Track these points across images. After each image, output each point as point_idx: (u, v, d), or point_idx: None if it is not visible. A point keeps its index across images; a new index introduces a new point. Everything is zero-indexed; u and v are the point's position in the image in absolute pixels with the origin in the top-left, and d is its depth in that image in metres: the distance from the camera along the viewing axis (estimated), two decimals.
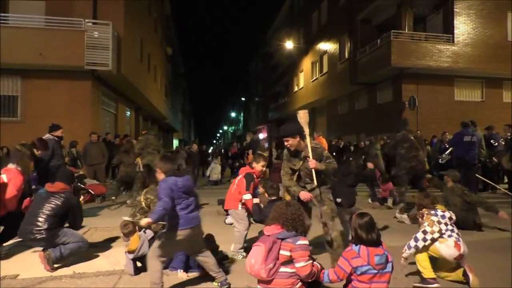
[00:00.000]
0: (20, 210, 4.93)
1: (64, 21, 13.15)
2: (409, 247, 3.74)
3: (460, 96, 17.83)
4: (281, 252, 2.97)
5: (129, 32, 15.60)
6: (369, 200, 9.18)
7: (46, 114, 12.35)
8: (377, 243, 3.01)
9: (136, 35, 17.79)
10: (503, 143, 11.33)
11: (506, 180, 11.32)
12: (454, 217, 3.89)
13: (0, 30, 12.35)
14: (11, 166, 4.97)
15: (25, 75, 13.46)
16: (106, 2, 14.23)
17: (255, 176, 5.10)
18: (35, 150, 5.91)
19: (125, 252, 4.18)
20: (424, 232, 3.71)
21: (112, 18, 13.78)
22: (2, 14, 12.96)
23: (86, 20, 13.36)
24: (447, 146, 10.88)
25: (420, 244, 3.68)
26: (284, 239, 3.01)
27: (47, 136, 7.01)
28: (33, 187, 6.65)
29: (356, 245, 3.03)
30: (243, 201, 4.93)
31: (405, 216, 6.79)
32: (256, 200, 5.08)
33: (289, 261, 2.97)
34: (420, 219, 3.98)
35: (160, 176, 3.70)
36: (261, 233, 4.32)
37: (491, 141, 10.85)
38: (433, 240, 3.70)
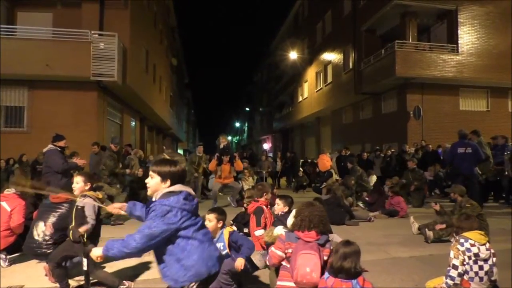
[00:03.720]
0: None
1: (70, 32, 13.33)
2: (449, 286, 3.48)
3: (465, 106, 17.77)
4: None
5: (134, 43, 15.76)
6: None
7: (52, 124, 12.43)
8: (346, 274, 2.78)
9: (142, 46, 17.96)
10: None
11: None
12: (483, 254, 3.49)
13: (2, 42, 12.50)
14: (8, 191, 5.00)
15: (31, 85, 13.61)
16: (112, 13, 14.43)
17: (264, 208, 5.05)
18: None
19: None
20: (455, 267, 3.45)
21: (118, 29, 13.95)
22: (10, 26, 13.18)
23: (92, 32, 13.53)
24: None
25: (458, 280, 3.45)
26: (323, 244, 3.09)
27: (49, 146, 7.02)
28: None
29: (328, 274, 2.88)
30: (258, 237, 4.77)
31: (416, 225, 6.69)
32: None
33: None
34: (453, 242, 3.71)
35: None
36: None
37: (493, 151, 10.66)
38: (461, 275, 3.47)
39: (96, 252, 2.40)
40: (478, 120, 16.68)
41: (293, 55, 28.90)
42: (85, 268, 3.31)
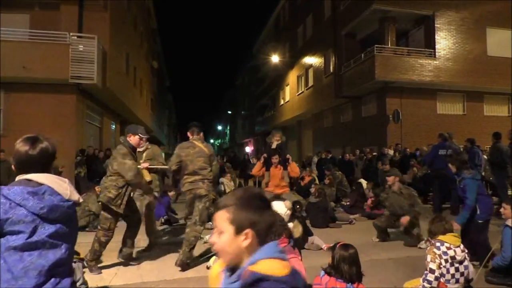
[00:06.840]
0: None
1: (48, 34, 13.05)
2: None
3: (442, 109, 18.14)
4: None
5: (114, 46, 15.57)
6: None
7: (30, 128, 12.09)
8: (342, 277, 2.86)
9: (122, 48, 17.76)
10: (485, 157, 11.34)
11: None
12: (459, 256, 3.58)
13: None
14: None
15: (8, 88, 13.24)
16: (91, 15, 14.22)
17: None
18: None
19: None
20: (432, 271, 3.50)
21: (98, 31, 13.72)
22: None
23: (71, 34, 13.28)
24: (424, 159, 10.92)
25: (435, 284, 3.49)
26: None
27: None
28: None
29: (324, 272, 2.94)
30: None
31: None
32: None
33: None
34: (428, 246, 3.80)
35: None
36: None
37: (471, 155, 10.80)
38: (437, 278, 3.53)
39: None
40: (454, 123, 17.06)
41: (274, 58, 29.02)
42: None
